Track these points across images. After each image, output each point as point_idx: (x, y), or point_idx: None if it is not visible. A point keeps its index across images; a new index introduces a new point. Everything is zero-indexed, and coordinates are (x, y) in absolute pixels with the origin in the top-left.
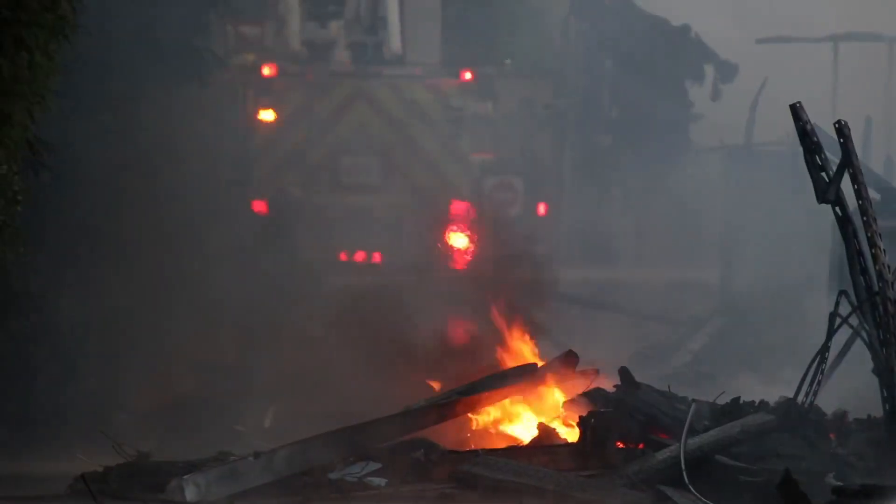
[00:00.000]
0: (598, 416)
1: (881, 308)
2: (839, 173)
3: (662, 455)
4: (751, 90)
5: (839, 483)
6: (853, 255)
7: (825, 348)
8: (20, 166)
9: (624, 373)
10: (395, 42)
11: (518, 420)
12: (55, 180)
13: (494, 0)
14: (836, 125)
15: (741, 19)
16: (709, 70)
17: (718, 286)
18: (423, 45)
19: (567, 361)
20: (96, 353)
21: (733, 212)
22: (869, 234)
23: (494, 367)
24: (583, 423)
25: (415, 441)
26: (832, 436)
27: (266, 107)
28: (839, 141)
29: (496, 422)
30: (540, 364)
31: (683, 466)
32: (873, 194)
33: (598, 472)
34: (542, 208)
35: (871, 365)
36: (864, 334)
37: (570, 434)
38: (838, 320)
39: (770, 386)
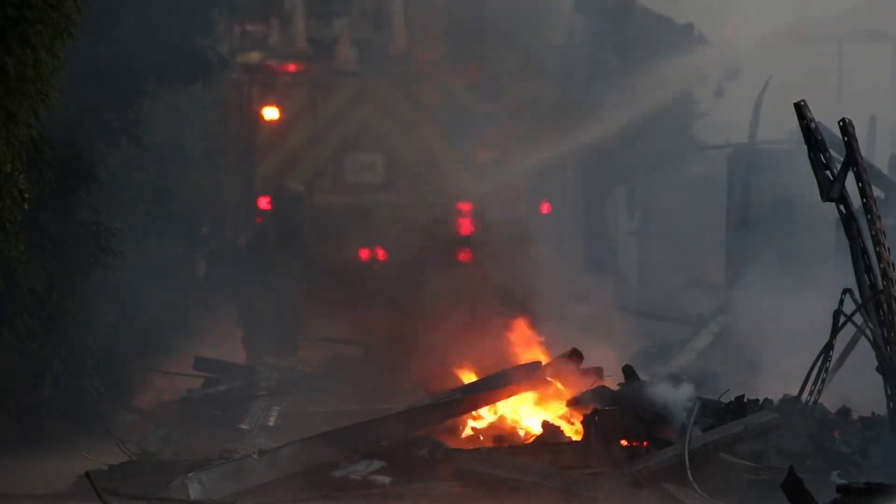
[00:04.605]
0: (603, 415)
1: (885, 306)
2: (843, 171)
3: (667, 453)
4: (755, 88)
5: (843, 481)
6: (857, 253)
7: (829, 346)
8: (25, 165)
9: (628, 371)
10: (400, 40)
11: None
12: (61, 179)
13: None
14: (841, 123)
15: (745, 17)
16: (713, 68)
17: (723, 284)
18: (427, 42)
19: (571, 359)
20: (102, 352)
21: (737, 210)
22: (873, 232)
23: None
24: (587, 422)
25: (419, 439)
26: (836, 434)
27: (271, 105)
28: (843, 139)
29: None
30: (544, 362)
31: (688, 464)
32: (877, 192)
33: (602, 470)
34: (545, 207)
35: (875, 363)
36: (868, 332)
37: (575, 432)
38: (842, 318)
39: (774, 384)
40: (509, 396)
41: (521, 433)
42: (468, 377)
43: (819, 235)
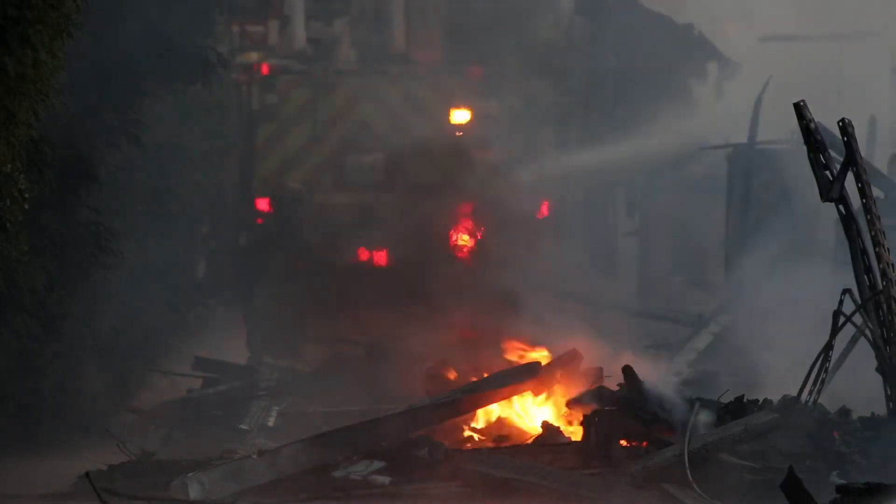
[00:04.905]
0: (603, 415)
1: (885, 306)
2: (843, 171)
3: (666, 453)
4: (755, 88)
5: (843, 481)
6: (857, 253)
7: (829, 347)
8: (25, 165)
9: (628, 371)
10: (400, 40)
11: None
12: (61, 179)
13: None
14: (841, 123)
15: (745, 17)
16: (712, 68)
17: (723, 284)
18: (427, 42)
19: (571, 360)
20: (102, 352)
21: (737, 210)
22: (873, 233)
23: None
24: (587, 422)
25: (419, 439)
26: (836, 434)
27: (271, 105)
28: (843, 139)
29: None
30: (544, 363)
31: (687, 465)
32: (877, 193)
33: (602, 470)
34: (544, 207)
35: (874, 363)
36: (867, 332)
37: (575, 432)
38: (842, 318)
39: (774, 384)
40: (509, 396)
41: (521, 433)
42: (468, 377)
43: (819, 236)
